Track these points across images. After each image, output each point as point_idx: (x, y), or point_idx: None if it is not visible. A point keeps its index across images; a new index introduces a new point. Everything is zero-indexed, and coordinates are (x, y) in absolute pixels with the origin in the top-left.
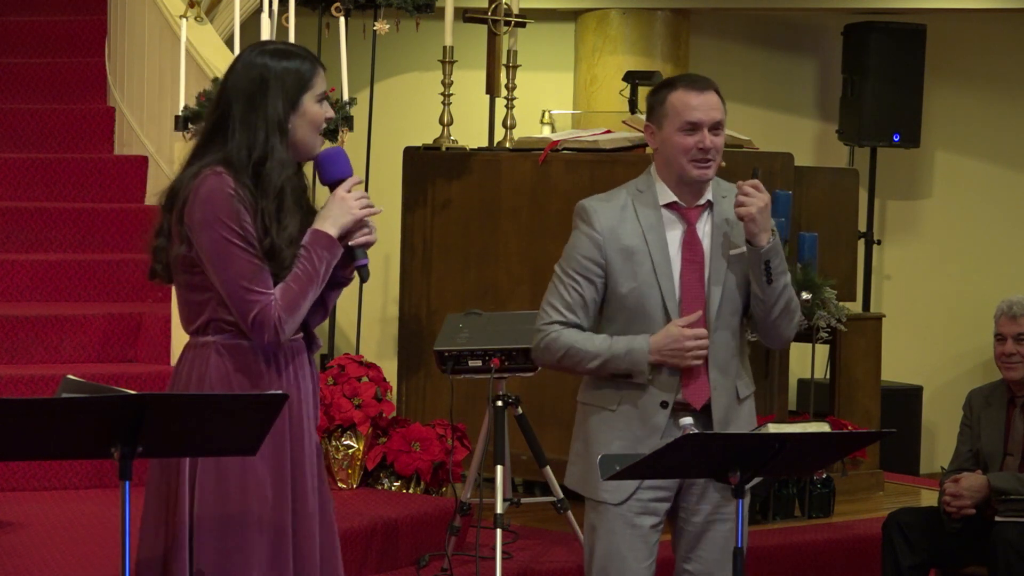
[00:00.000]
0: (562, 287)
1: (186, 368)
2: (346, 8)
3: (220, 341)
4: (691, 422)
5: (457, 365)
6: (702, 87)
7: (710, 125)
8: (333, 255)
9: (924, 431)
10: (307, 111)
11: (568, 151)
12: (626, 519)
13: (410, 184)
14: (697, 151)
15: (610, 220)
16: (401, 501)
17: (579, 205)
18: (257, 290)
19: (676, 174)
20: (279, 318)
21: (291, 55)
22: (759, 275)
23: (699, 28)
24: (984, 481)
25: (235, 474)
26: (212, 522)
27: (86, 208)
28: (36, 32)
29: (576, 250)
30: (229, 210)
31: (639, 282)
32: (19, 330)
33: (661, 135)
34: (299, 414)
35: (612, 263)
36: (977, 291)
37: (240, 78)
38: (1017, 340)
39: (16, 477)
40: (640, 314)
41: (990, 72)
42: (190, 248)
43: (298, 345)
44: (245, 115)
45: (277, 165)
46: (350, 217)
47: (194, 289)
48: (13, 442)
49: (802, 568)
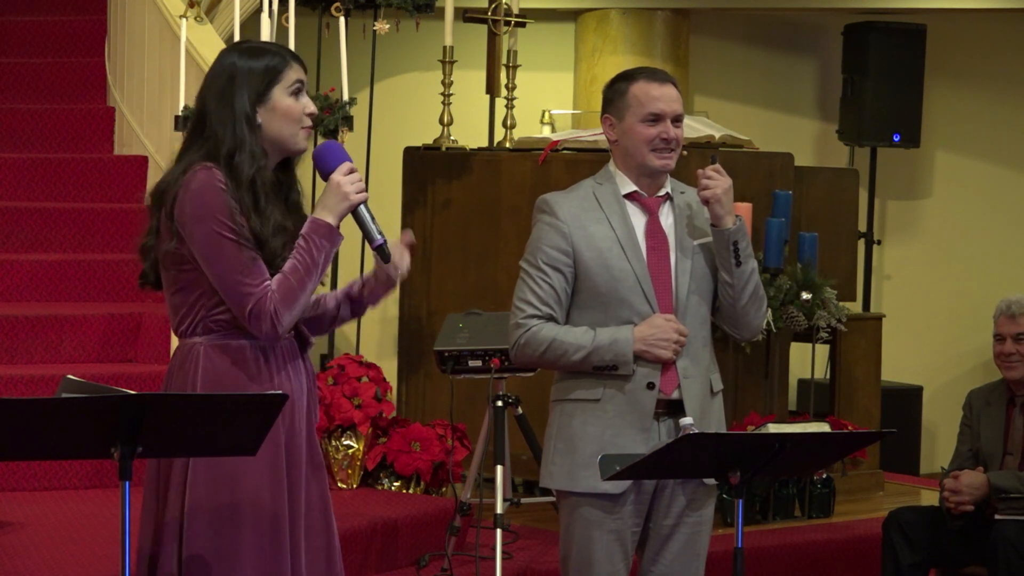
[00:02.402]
0: (532, 281)
1: (177, 370)
2: (346, 8)
3: (208, 341)
4: (691, 422)
5: (457, 365)
6: (663, 79)
7: (672, 116)
8: (333, 243)
9: (924, 431)
10: (276, 104)
11: (568, 151)
12: (605, 525)
13: (410, 184)
14: (660, 141)
15: (572, 208)
16: (401, 501)
17: (539, 200)
18: (252, 282)
19: (637, 164)
20: (275, 310)
21: (261, 52)
22: (727, 258)
23: (699, 28)
24: (984, 479)
25: (228, 465)
26: (204, 512)
27: (86, 208)
28: (36, 32)
29: (542, 242)
30: (221, 204)
31: (610, 268)
32: (19, 330)
33: (622, 126)
34: (291, 411)
35: (580, 250)
36: (977, 291)
37: (214, 77)
38: (1016, 340)
39: (16, 477)
40: (616, 300)
41: (990, 72)
42: (180, 244)
43: (289, 343)
44: (217, 112)
45: (247, 157)
46: (347, 203)
47: (182, 289)
48: (13, 442)
49: (802, 568)
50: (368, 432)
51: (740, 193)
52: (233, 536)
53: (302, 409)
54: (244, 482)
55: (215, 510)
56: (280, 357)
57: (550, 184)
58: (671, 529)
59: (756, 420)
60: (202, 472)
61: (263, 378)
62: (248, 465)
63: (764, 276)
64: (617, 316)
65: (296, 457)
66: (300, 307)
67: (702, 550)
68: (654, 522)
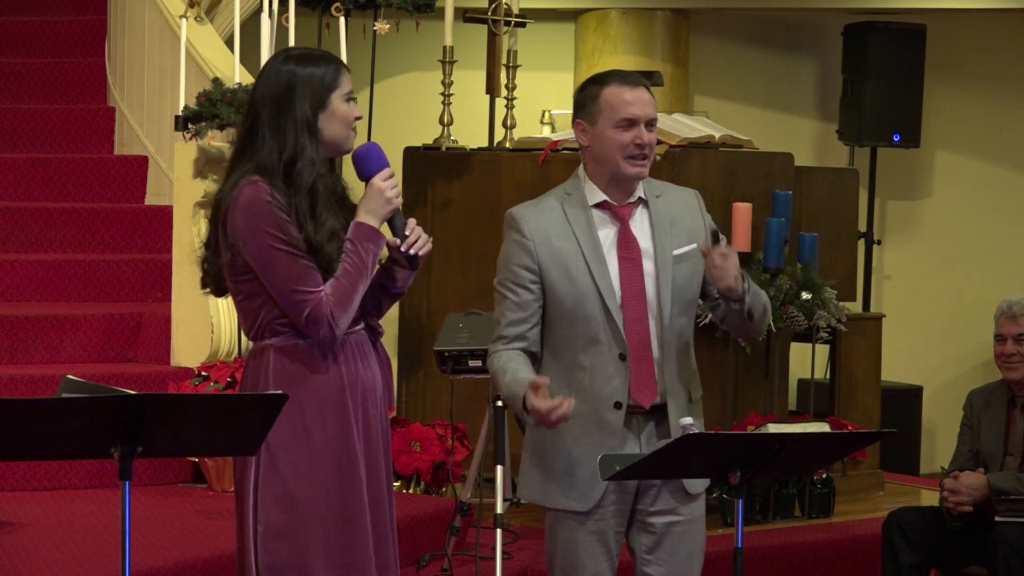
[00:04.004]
0: (503, 303)
1: (251, 373)
2: (346, 8)
3: (277, 343)
4: (691, 422)
5: (457, 365)
6: (635, 83)
7: (646, 121)
8: (378, 246)
9: (924, 431)
10: (336, 110)
11: (568, 151)
12: (587, 527)
13: (410, 184)
14: (634, 147)
15: (539, 224)
16: (401, 501)
17: (507, 214)
18: (306, 290)
19: (609, 171)
20: (331, 313)
21: (316, 59)
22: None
23: (699, 28)
24: (984, 480)
25: (297, 473)
26: (276, 534)
27: (86, 208)
28: (36, 32)
29: (509, 260)
30: (269, 216)
31: (575, 284)
32: (19, 330)
33: (594, 131)
34: (364, 402)
35: (545, 267)
36: (977, 291)
37: (268, 85)
38: (1017, 340)
39: (16, 477)
40: (580, 316)
41: (990, 72)
42: (235, 256)
43: (359, 337)
44: (274, 120)
45: (307, 164)
46: (389, 207)
47: (246, 296)
48: (13, 442)
49: (802, 568)
50: None
51: (740, 193)
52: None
53: (375, 399)
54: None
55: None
56: (350, 351)
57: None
58: (664, 527)
59: (756, 420)
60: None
61: (332, 373)
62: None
63: (764, 276)
64: (584, 332)
65: (375, 445)
66: (354, 308)
67: (696, 548)
68: (640, 521)
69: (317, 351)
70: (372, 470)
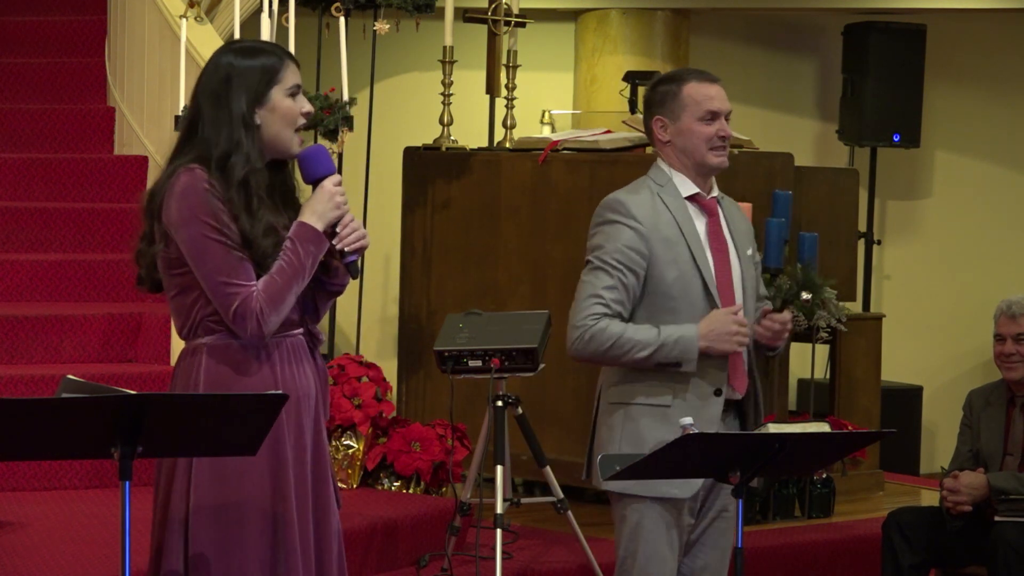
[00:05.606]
0: (606, 277)
1: (182, 373)
2: (346, 8)
3: (210, 342)
4: (691, 422)
5: (457, 365)
6: (712, 79)
7: (725, 114)
8: (319, 248)
9: (924, 431)
10: (276, 105)
11: (568, 151)
12: (671, 520)
13: (410, 184)
14: (717, 139)
15: (645, 210)
16: (401, 501)
17: (610, 199)
18: (237, 283)
19: (695, 164)
20: (261, 310)
21: (257, 52)
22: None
23: (699, 28)
24: (983, 480)
25: (231, 464)
26: (209, 510)
27: (86, 208)
28: (36, 32)
29: (619, 241)
30: (205, 205)
31: (681, 271)
32: (19, 330)
33: (677, 126)
34: (297, 410)
35: (656, 253)
36: (977, 291)
37: (209, 78)
38: (1017, 340)
39: (16, 477)
40: (685, 303)
41: (990, 72)
42: (169, 247)
43: (296, 341)
44: (212, 113)
45: (242, 159)
46: (337, 212)
47: (179, 291)
48: (13, 442)
49: (802, 568)
50: (368, 432)
51: (740, 193)
52: (238, 533)
53: (309, 407)
54: (247, 480)
55: (219, 508)
56: (286, 356)
57: (550, 184)
58: (709, 521)
59: None
60: (206, 471)
61: (266, 377)
62: (250, 465)
63: (764, 276)
64: (687, 319)
65: (302, 455)
66: (286, 308)
67: (728, 544)
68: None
69: (251, 352)
70: (300, 479)
